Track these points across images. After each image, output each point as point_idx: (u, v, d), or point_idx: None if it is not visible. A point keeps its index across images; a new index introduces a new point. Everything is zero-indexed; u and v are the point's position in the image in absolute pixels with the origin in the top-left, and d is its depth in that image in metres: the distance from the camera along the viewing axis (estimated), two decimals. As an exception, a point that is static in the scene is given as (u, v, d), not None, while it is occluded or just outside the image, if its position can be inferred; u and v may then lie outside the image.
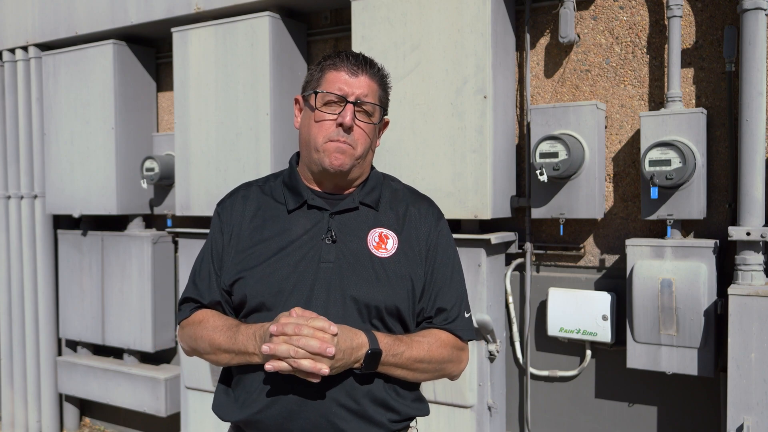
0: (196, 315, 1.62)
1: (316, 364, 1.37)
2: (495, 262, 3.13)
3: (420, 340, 1.55)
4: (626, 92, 3.03)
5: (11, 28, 4.62)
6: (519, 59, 3.26)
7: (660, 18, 2.96)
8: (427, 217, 1.66)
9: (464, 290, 1.68)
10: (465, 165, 2.98)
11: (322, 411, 1.47)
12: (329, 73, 1.58)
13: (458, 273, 1.67)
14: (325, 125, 1.56)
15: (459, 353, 1.63)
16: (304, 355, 1.37)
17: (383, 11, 3.15)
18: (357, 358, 1.44)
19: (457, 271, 1.67)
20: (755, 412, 2.48)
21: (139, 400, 4.15)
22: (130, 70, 4.22)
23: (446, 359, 1.59)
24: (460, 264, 1.69)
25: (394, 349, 1.49)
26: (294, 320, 1.39)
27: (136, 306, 4.13)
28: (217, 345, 1.54)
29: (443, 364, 1.59)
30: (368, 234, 1.58)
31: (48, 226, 4.59)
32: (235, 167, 3.60)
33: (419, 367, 1.54)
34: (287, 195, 1.63)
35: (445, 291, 1.62)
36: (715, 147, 2.87)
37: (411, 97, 3.09)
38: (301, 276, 1.52)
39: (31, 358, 4.62)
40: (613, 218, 3.07)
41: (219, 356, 1.55)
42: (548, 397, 3.22)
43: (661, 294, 2.73)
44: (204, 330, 1.57)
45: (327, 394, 1.47)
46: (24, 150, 4.63)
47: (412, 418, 1.62)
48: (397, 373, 1.53)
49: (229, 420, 1.59)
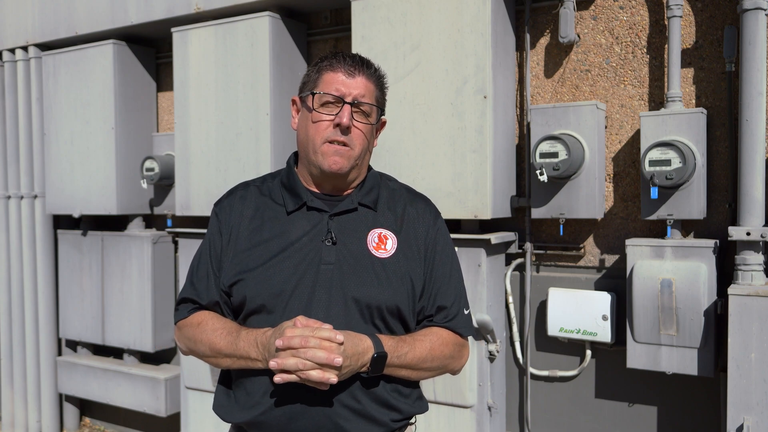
0: (195, 317, 1.62)
1: (324, 374, 1.38)
2: (495, 262, 3.13)
3: (422, 339, 1.56)
4: (626, 92, 3.03)
5: (11, 28, 4.62)
6: (519, 59, 3.26)
7: (660, 18, 2.96)
8: (425, 217, 1.67)
9: (463, 287, 1.69)
10: (465, 165, 2.98)
11: (325, 411, 1.48)
12: (326, 74, 1.58)
13: (457, 271, 1.68)
14: (322, 126, 1.56)
15: (460, 349, 1.65)
16: (312, 366, 1.38)
17: (383, 11, 3.15)
18: (363, 362, 1.45)
19: (455, 269, 1.68)
20: (755, 412, 2.48)
21: (139, 400, 4.15)
22: (130, 70, 4.22)
23: (448, 356, 1.60)
24: (458, 261, 1.70)
25: (399, 351, 1.50)
26: (300, 332, 1.40)
27: (136, 306, 4.13)
28: (217, 349, 1.54)
29: (445, 362, 1.61)
30: (368, 235, 1.59)
31: (48, 226, 4.59)
32: (235, 167, 3.60)
33: (423, 366, 1.55)
34: (286, 196, 1.63)
35: (444, 289, 1.63)
36: (715, 147, 2.87)
37: (411, 97, 3.09)
38: (301, 278, 1.52)
39: (31, 358, 4.62)
40: (613, 218, 3.07)
41: (219, 360, 1.55)
42: (548, 397, 3.22)
43: (661, 294, 2.73)
44: (203, 333, 1.57)
45: (330, 395, 1.47)
46: (24, 150, 4.63)
47: (413, 416, 1.63)
48: (401, 374, 1.53)
49: (231, 421, 1.59)
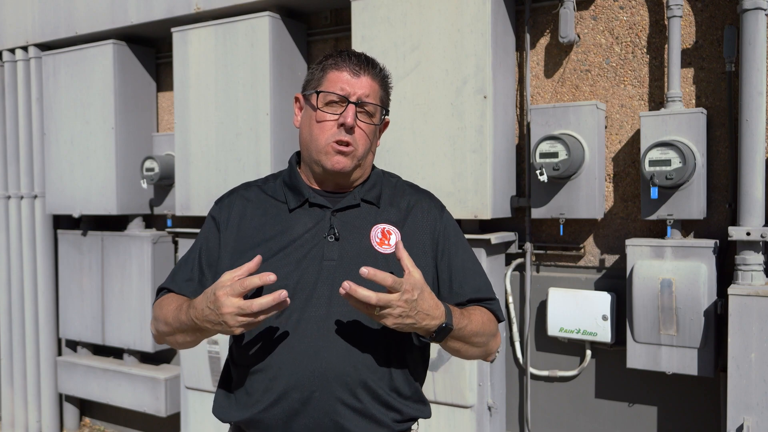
0: (162, 299, 1.63)
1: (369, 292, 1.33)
2: (495, 262, 3.13)
3: (476, 314, 1.57)
4: (626, 92, 3.03)
5: (11, 28, 4.62)
6: (519, 59, 3.26)
7: (660, 18, 2.96)
8: (431, 211, 1.67)
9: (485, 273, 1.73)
10: (465, 165, 2.98)
11: (325, 410, 1.47)
12: (331, 72, 1.57)
13: (475, 258, 1.71)
14: (326, 126, 1.56)
15: (498, 330, 1.67)
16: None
17: (383, 11, 3.15)
18: (429, 327, 1.43)
19: (474, 256, 1.70)
20: (755, 412, 2.48)
21: (139, 400, 4.15)
22: (130, 70, 4.22)
23: (493, 333, 1.62)
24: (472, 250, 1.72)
25: (460, 323, 1.50)
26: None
27: (136, 306, 4.13)
28: (169, 322, 1.55)
29: (490, 339, 1.61)
30: (371, 230, 1.58)
31: (48, 226, 4.59)
32: (235, 167, 3.60)
33: (473, 341, 1.56)
34: (288, 194, 1.62)
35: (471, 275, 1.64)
36: (715, 147, 2.87)
37: (411, 97, 3.09)
38: (303, 274, 1.51)
39: (31, 358, 4.62)
40: (613, 218, 3.07)
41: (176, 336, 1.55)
42: (548, 397, 3.22)
43: (661, 294, 2.73)
44: (161, 310, 1.59)
45: (330, 393, 1.47)
46: (24, 150, 4.63)
47: (415, 419, 1.62)
48: (453, 345, 1.53)
49: (230, 420, 1.58)
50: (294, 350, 1.48)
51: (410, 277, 1.39)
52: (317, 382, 1.46)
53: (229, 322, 1.37)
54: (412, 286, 1.38)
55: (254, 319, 1.36)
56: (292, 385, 1.47)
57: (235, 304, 1.35)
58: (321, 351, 1.47)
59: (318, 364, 1.46)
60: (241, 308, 1.35)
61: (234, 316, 1.36)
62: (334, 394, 1.47)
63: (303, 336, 1.48)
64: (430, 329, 1.44)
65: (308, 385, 1.46)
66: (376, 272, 1.35)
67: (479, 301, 1.63)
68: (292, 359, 1.47)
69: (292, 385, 1.47)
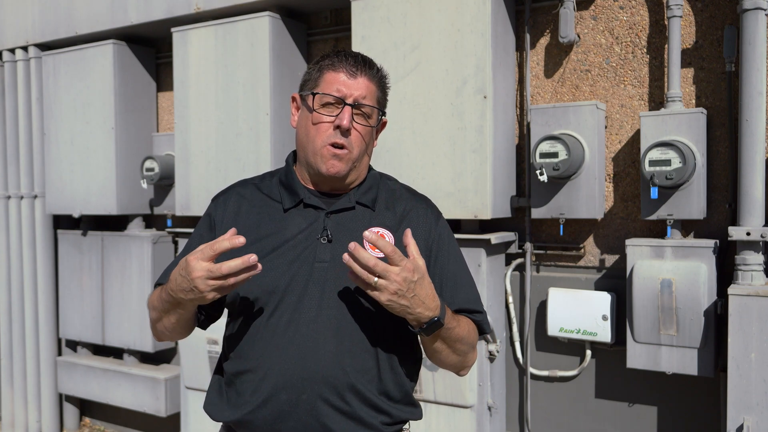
0: (153, 291, 1.65)
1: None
2: (495, 262, 3.13)
3: (463, 321, 1.57)
4: (626, 92, 3.03)
5: (11, 28, 4.62)
6: (519, 59, 3.26)
7: (660, 18, 2.96)
8: (427, 217, 1.65)
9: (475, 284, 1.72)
10: (465, 165, 2.98)
11: (313, 412, 1.46)
12: (327, 73, 1.56)
13: (467, 268, 1.71)
14: (322, 128, 1.55)
15: (476, 345, 1.66)
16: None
17: (383, 11, 3.15)
18: (420, 317, 1.43)
19: (466, 266, 1.70)
20: (755, 412, 2.48)
21: (139, 400, 4.15)
22: (130, 70, 4.22)
23: (473, 345, 1.62)
24: (464, 260, 1.72)
25: (450, 323, 1.50)
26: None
27: (136, 306, 4.13)
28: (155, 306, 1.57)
29: (470, 350, 1.61)
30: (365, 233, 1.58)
31: (48, 226, 4.59)
32: (235, 167, 3.60)
33: (457, 347, 1.56)
34: (283, 194, 1.62)
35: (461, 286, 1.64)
36: (715, 147, 2.87)
37: (411, 97, 3.09)
38: (295, 275, 1.51)
39: (31, 358, 4.62)
40: (613, 218, 3.07)
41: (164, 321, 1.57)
42: (548, 397, 3.22)
43: (661, 294, 2.73)
44: (150, 300, 1.62)
45: (318, 395, 1.46)
46: (24, 150, 4.63)
47: (405, 422, 1.61)
48: (437, 346, 1.53)
49: (220, 420, 1.58)
50: (283, 352, 1.47)
51: (414, 261, 1.40)
52: (306, 384, 1.46)
53: (200, 287, 1.38)
54: (414, 268, 1.39)
55: (225, 282, 1.37)
56: (280, 387, 1.47)
57: (205, 267, 1.36)
58: (310, 353, 1.47)
59: (307, 366, 1.46)
60: (211, 271, 1.36)
61: (204, 279, 1.37)
62: (322, 396, 1.46)
63: (293, 337, 1.48)
64: (422, 320, 1.44)
65: (297, 386, 1.46)
66: (377, 239, 1.36)
67: (468, 313, 1.62)
68: (281, 361, 1.47)
69: (281, 387, 1.47)
